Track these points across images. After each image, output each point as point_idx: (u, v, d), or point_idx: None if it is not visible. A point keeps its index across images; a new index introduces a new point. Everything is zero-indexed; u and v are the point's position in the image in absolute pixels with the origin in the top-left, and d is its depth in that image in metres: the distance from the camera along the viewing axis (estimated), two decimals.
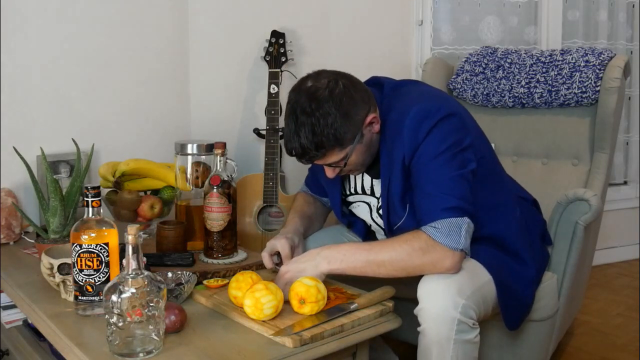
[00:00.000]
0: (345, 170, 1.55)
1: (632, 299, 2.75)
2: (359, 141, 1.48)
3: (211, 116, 2.43)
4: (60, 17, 2.08)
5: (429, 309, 1.38)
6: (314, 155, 1.46)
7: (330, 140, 1.43)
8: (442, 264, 1.40)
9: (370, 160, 1.56)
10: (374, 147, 1.54)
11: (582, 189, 1.81)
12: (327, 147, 1.44)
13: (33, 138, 2.01)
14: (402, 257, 1.40)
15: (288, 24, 2.46)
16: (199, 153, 1.80)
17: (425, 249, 1.40)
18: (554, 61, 2.22)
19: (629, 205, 3.29)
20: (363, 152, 1.51)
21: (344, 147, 1.46)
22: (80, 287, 1.33)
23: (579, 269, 1.85)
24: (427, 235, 1.40)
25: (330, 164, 1.50)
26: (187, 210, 1.81)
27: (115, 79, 2.21)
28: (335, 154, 1.47)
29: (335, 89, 1.45)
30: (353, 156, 1.50)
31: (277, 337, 1.22)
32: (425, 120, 1.45)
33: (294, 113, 1.45)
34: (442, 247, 1.39)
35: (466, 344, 1.39)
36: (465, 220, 1.41)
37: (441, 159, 1.44)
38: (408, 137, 1.45)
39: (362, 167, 1.57)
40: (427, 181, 1.44)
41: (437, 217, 1.40)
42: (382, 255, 1.42)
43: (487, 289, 1.49)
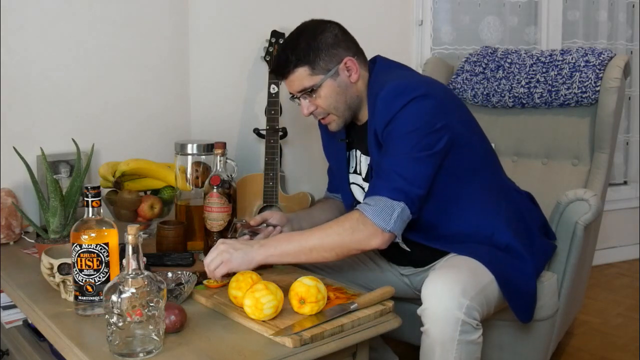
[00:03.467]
0: (319, 112, 1.60)
1: (632, 299, 2.75)
2: (332, 76, 1.55)
3: (211, 116, 2.43)
4: (60, 17, 2.08)
5: (433, 309, 1.38)
6: (286, 65, 1.55)
7: (303, 53, 1.53)
8: (369, 242, 1.44)
9: (347, 114, 1.61)
10: (350, 97, 1.59)
11: (582, 189, 1.81)
12: (300, 59, 1.53)
13: (33, 138, 2.01)
14: (332, 238, 1.44)
15: (288, 24, 2.45)
16: (199, 153, 1.80)
17: (355, 227, 1.43)
18: (554, 61, 2.22)
19: (629, 205, 3.29)
20: (335, 93, 1.57)
21: (315, 72, 1.55)
22: (80, 287, 1.33)
23: (579, 269, 1.85)
24: (359, 213, 1.43)
25: (301, 90, 1.57)
26: (187, 210, 1.81)
27: (115, 79, 2.21)
28: (304, 76, 1.55)
29: (325, 25, 1.61)
30: (324, 89, 1.56)
31: (277, 337, 1.22)
32: (400, 96, 1.47)
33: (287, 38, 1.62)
34: (371, 224, 1.42)
35: (469, 344, 1.39)
36: (400, 204, 1.42)
37: (408, 138, 1.45)
38: (380, 110, 1.49)
39: (336, 113, 1.60)
40: (387, 157, 1.47)
41: (377, 194, 1.44)
42: (312, 239, 1.45)
43: (490, 289, 1.49)
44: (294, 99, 1.64)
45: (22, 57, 2.02)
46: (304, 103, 1.61)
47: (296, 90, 1.59)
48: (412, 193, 1.43)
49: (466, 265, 1.49)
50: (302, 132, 2.56)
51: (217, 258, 1.44)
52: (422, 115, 1.47)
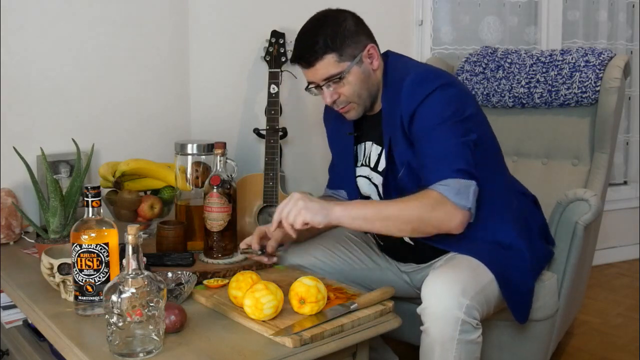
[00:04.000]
0: (342, 100, 1.59)
1: (632, 299, 2.75)
2: (357, 63, 1.56)
3: (211, 116, 2.43)
4: (60, 17, 2.08)
5: (432, 308, 1.38)
6: (313, 52, 1.53)
7: (330, 40, 1.52)
8: (449, 222, 1.44)
9: (368, 102, 1.61)
10: (372, 85, 1.60)
11: (582, 189, 1.81)
12: (327, 47, 1.52)
13: (33, 138, 2.01)
14: (410, 211, 1.44)
15: (288, 24, 2.45)
16: (199, 153, 1.80)
17: (435, 205, 1.43)
18: (554, 61, 2.22)
19: (629, 205, 3.29)
20: (360, 80, 1.57)
21: (342, 59, 1.54)
22: (80, 287, 1.33)
23: (579, 269, 1.85)
24: (437, 192, 1.43)
25: (327, 78, 1.55)
26: (187, 210, 1.81)
27: (115, 79, 2.21)
28: (332, 63, 1.54)
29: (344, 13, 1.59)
30: (350, 76, 1.55)
31: (277, 337, 1.22)
32: (425, 83, 1.50)
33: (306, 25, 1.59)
34: (451, 204, 1.42)
35: (469, 344, 1.39)
36: (473, 182, 1.45)
37: (444, 126, 1.47)
38: (407, 96, 1.50)
39: (358, 101, 1.60)
40: (433, 146, 1.48)
41: (447, 176, 1.44)
42: (391, 208, 1.45)
43: (490, 288, 1.49)
44: (312, 89, 1.63)
45: (22, 57, 2.02)
46: (327, 92, 1.59)
47: (321, 78, 1.57)
48: (474, 172, 1.46)
49: (466, 265, 1.49)
50: (302, 132, 2.56)
51: (293, 208, 1.42)
52: (451, 102, 1.50)
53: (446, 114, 1.48)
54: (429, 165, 1.48)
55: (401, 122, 1.52)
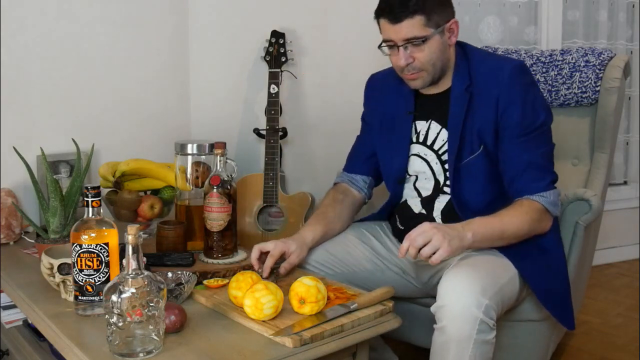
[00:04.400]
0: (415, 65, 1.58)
1: (632, 299, 2.75)
2: (440, 32, 1.56)
3: (211, 116, 2.43)
4: (60, 17, 2.08)
5: (451, 306, 1.37)
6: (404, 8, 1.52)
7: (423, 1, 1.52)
8: (545, 228, 1.60)
9: (437, 74, 1.62)
10: (446, 58, 1.61)
11: (582, 189, 1.81)
12: (419, 7, 1.52)
13: (33, 138, 2.01)
14: (524, 227, 1.54)
15: (288, 24, 2.46)
16: (199, 153, 1.80)
17: (540, 219, 1.57)
18: (554, 61, 2.22)
19: (629, 205, 3.28)
20: (438, 50, 1.58)
21: (429, 22, 1.54)
22: (80, 287, 1.33)
23: (579, 269, 1.85)
24: (541, 206, 1.56)
25: (410, 39, 1.54)
26: (187, 210, 1.81)
27: (116, 79, 2.21)
28: (418, 25, 1.53)
29: None
30: (431, 43, 1.56)
31: (277, 337, 1.22)
32: (525, 71, 1.61)
33: None
34: (549, 215, 1.59)
35: (485, 344, 1.38)
36: (558, 192, 1.62)
37: (539, 131, 1.59)
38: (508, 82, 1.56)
39: (431, 70, 1.60)
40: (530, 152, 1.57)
41: (546, 188, 1.58)
42: (513, 225, 1.53)
43: (507, 289, 1.50)
44: (384, 48, 1.61)
45: (22, 57, 2.02)
46: (403, 53, 1.57)
47: (403, 38, 1.55)
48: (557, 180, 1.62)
49: (485, 263, 1.49)
50: (302, 132, 2.56)
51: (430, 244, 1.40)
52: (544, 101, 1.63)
53: (542, 117, 1.59)
54: (525, 173, 1.57)
55: (497, 105, 1.57)
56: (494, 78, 1.58)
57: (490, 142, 1.59)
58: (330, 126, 2.61)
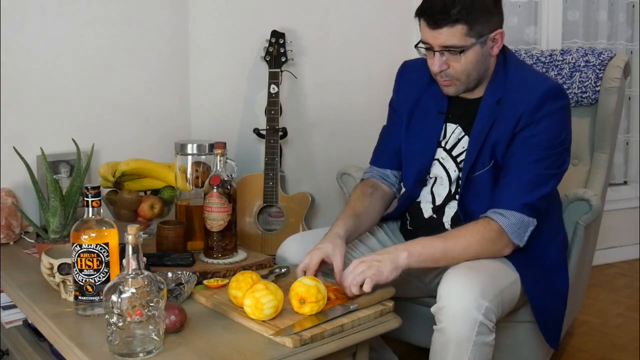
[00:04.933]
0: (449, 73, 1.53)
1: (632, 299, 2.74)
2: (481, 43, 1.49)
3: (211, 116, 2.43)
4: (60, 17, 2.08)
5: (451, 307, 1.37)
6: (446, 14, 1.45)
7: (467, 10, 1.44)
8: (502, 253, 1.52)
9: (472, 84, 1.57)
10: (484, 69, 1.55)
11: (582, 189, 1.81)
12: (461, 15, 1.44)
13: (33, 138, 2.01)
14: (474, 247, 1.48)
15: (288, 24, 2.46)
16: (199, 153, 1.80)
17: (494, 240, 1.49)
18: (554, 61, 2.22)
19: (629, 205, 3.28)
20: (476, 61, 1.51)
21: (471, 32, 1.46)
22: (80, 287, 1.33)
23: (579, 269, 1.85)
24: (498, 226, 1.48)
25: (448, 46, 1.48)
26: (187, 210, 1.81)
27: (115, 79, 2.21)
28: (459, 34, 1.46)
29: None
30: (470, 54, 1.49)
31: (277, 337, 1.22)
32: (559, 97, 1.52)
33: None
34: (507, 239, 1.50)
35: (484, 346, 1.38)
36: (534, 222, 1.51)
37: (550, 152, 1.51)
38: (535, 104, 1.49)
39: (465, 80, 1.54)
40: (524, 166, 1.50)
41: (513, 208, 1.48)
42: (458, 245, 1.48)
43: (507, 292, 1.49)
44: (422, 48, 1.56)
45: (22, 57, 2.02)
46: (438, 59, 1.51)
47: (440, 45, 1.49)
48: (542, 210, 1.52)
49: (487, 266, 1.49)
50: (302, 132, 2.56)
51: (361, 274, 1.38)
52: (562, 129, 1.53)
53: (557, 140, 1.51)
54: (507, 188, 1.51)
55: (518, 121, 1.51)
56: (525, 96, 1.52)
57: (500, 156, 1.55)
58: (330, 126, 2.61)
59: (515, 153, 1.52)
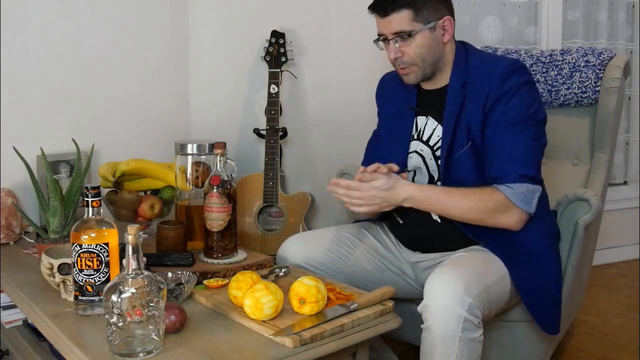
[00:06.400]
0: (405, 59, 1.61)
1: (632, 299, 2.75)
2: (430, 28, 1.59)
3: (211, 116, 2.43)
4: (60, 17, 2.08)
5: (435, 305, 1.38)
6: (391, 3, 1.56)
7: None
8: (509, 222, 1.55)
9: (429, 70, 1.64)
10: (438, 54, 1.63)
11: (582, 189, 1.80)
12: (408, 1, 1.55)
13: (33, 138, 2.01)
14: (474, 212, 1.54)
15: (288, 24, 2.46)
16: (199, 153, 1.80)
17: (497, 209, 1.53)
18: (554, 61, 2.22)
19: (629, 205, 3.29)
20: (427, 46, 1.60)
21: (417, 19, 1.57)
22: (80, 287, 1.33)
23: (579, 269, 1.85)
24: (504, 196, 1.53)
25: (397, 33, 1.58)
26: (187, 210, 1.81)
27: (115, 79, 2.21)
28: (406, 19, 1.57)
29: None
30: (419, 38, 1.59)
31: (277, 337, 1.22)
32: (521, 71, 1.58)
33: None
34: (515, 207, 1.53)
35: (471, 342, 1.39)
36: (538, 188, 1.56)
37: (525, 124, 1.55)
38: (501, 78, 1.56)
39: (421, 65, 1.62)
40: (509, 142, 1.54)
41: (517, 180, 1.53)
42: (459, 204, 1.54)
43: (496, 287, 1.50)
44: (380, 42, 1.65)
45: (22, 57, 2.02)
46: (392, 47, 1.61)
47: (391, 32, 1.59)
48: (540, 178, 1.58)
49: (473, 263, 1.50)
50: (302, 132, 2.56)
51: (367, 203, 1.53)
52: (535, 101, 1.59)
53: (530, 111, 1.56)
54: (500, 162, 1.55)
55: (485, 100, 1.57)
56: (487, 75, 1.59)
57: (477, 137, 1.59)
58: (330, 126, 2.61)
59: (495, 132, 1.57)
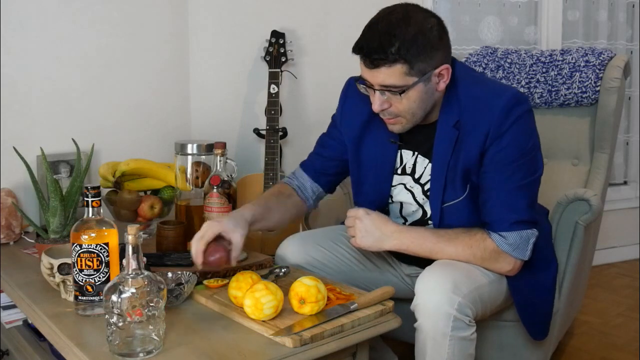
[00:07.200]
0: (391, 111, 1.45)
1: (632, 299, 2.75)
2: (424, 81, 1.39)
3: (211, 116, 2.43)
4: (60, 17, 2.08)
5: (424, 304, 1.38)
6: (384, 53, 1.35)
7: (407, 48, 1.34)
8: (501, 269, 1.50)
9: (419, 120, 1.48)
10: (430, 104, 1.46)
11: (582, 189, 1.80)
12: (400, 54, 1.34)
13: (33, 138, 2.01)
14: (460, 258, 1.47)
15: (288, 24, 2.46)
16: (199, 153, 1.80)
17: (487, 259, 1.47)
18: (554, 61, 2.22)
19: (629, 205, 3.29)
20: (420, 99, 1.42)
21: (412, 71, 1.37)
22: (80, 287, 1.33)
23: (579, 269, 1.85)
24: (494, 245, 1.47)
25: (388, 86, 1.39)
26: (187, 210, 1.81)
27: (116, 79, 2.21)
28: (398, 73, 1.37)
29: (431, 19, 1.41)
30: (412, 93, 1.40)
31: (277, 337, 1.22)
32: (518, 106, 1.44)
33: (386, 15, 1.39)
34: (506, 256, 1.47)
35: (462, 340, 1.39)
36: (534, 232, 1.48)
37: (522, 161, 1.45)
38: (499, 119, 1.42)
39: (411, 118, 1.46)
40: (502, 185, 1.45)
41: (508, 229, 1.46)
42: (446, 251, 1.48)
43: (489, 287, 1.49)
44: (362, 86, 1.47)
45: (22, 57, 2.02)
46: (379, 98, 1.43)
47: (380, 84, 1.40)
48: (534, 216, 1.49)
49: (463, 264, 1.49)
50: (302, 132, 2.56)
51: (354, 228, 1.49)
52: (530, 134, 1.48)
53: (526, 148, 1.45)
54: (491, 207, 1.47)
55: (485, 140, 1.43)
56: (485, 114, 1.43)
57: (476, 179, 1.49)
58: None
59: (488, 172, 1.46)
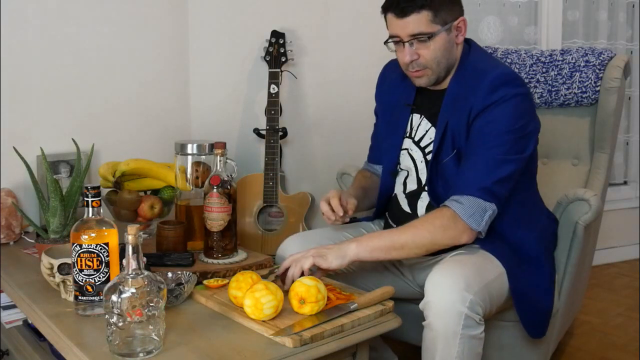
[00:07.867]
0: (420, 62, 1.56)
1: (632, 299, 2.75)
2: (447, 30, 1.54)
3: (211, 116, 2.43)
4: (60, 17, 2.08)
5: (436, 302, 1.38)
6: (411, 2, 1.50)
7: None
8: (460, 239, 1.50)
9: (442, 73, 1.59)
10: (451, 57, 1.58)
11: (582, 189, 1.80)
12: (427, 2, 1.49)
13: (33, 138, 2.01)
14: (423, 236, 1.49)
15: (288, 24, 2.46)
16: (199, 153, 1.80)
17: (447, 226, 1.48)
18: (554, 61, 2.22)
19: (629, 205, 3.29)
20: (444, 48, 1.55)
21: (436, 19, 1.51)
22: (80, 287, 1.33)
23: (579, 269, 1.85)
24: (451, 211, 1.48)
25: (416, 34, 1.52)
26: (187, 210, 1.81)
27: (115, 79, 2.21)
28: (425, 20, 1.51)
29: None
30: (437, 40, 1.53)
31: (277, 337, 1.22)
32: (510, 84, 1.51)
33: None
34: (463, 223, 1.48)
35: (472, 339, 1.39)
36: (492, 206, 1.49)
37: (505, 138, 1.49)
38: (487, 89, 1.50)
39: (435, 68, 1.57)
40: (480, 153, 1.50)
41: (468, 193, 1.48)
42: (404, 236, 1.49)
43: (494, 285, 1.49)
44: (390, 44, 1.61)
45: (22, 57, 2.02)
46: (408, 49, 1.56)
47: (409, 34, 1.53)
48: (501, 194, 1.50)
49: (472, 260, 1.49)
50: (302, 132, 2.56)
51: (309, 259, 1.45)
52: (520, 115, 1.51)
53: (514, 126, 1.50)
54: (463, 173, 1.52)
55: (470, 110, 1.53)
56: (474, 85, 1.54)
57: (462, 147, 1.56)
58: (330, 126, 2.61)
59: (472, 142, 1.53)
